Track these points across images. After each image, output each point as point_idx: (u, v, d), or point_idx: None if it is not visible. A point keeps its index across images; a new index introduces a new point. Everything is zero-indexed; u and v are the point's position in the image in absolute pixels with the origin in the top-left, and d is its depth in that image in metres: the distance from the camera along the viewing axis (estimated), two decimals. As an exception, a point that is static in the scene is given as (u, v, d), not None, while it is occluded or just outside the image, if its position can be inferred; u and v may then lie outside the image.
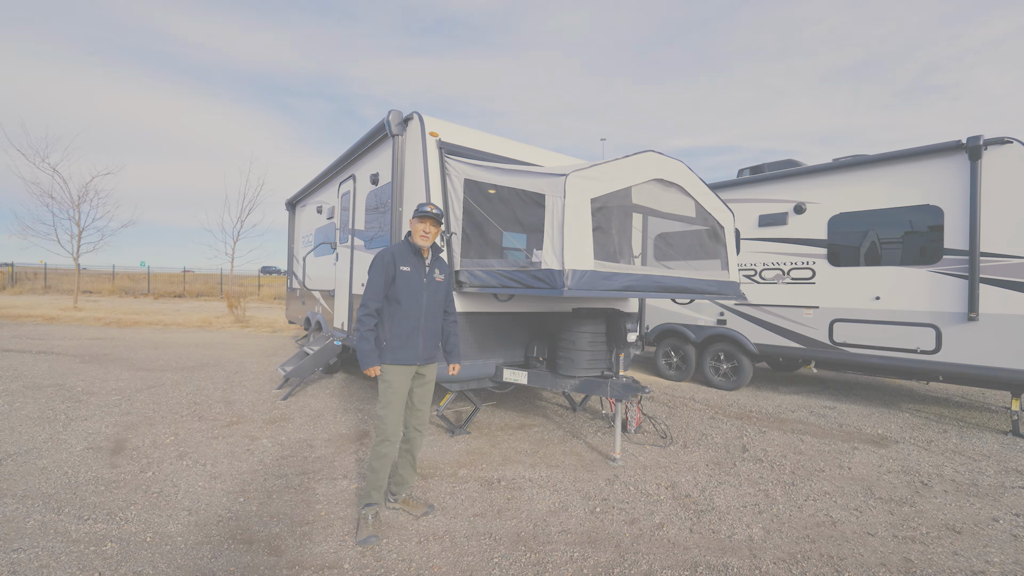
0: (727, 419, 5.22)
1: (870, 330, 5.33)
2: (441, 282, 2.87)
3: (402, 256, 2.74)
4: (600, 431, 4.66)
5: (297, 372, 5.56)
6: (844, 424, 5.07)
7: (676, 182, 3.65)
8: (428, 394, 2.91)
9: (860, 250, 5.50)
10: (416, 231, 2.75)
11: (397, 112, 4.35)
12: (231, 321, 14.47)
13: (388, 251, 2.74)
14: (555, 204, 2.98)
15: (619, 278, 3.12)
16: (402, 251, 2.76)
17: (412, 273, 2.72)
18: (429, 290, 2.78)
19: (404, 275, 2.70)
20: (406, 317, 2.71)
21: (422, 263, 2.78)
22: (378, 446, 2.69)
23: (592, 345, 3.87)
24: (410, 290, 2.71)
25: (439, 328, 2.90)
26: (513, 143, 4.76)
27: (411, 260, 2.75)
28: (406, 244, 2.81)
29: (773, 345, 6.18)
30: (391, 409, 2.69)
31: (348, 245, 5.92)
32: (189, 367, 7.23)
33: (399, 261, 2.71)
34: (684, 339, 7.16)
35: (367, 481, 2.73)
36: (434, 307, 2.83)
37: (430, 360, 2.85)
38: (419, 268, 2.76)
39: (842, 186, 5.61)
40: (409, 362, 2.72)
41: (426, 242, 2.75)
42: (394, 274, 2.69)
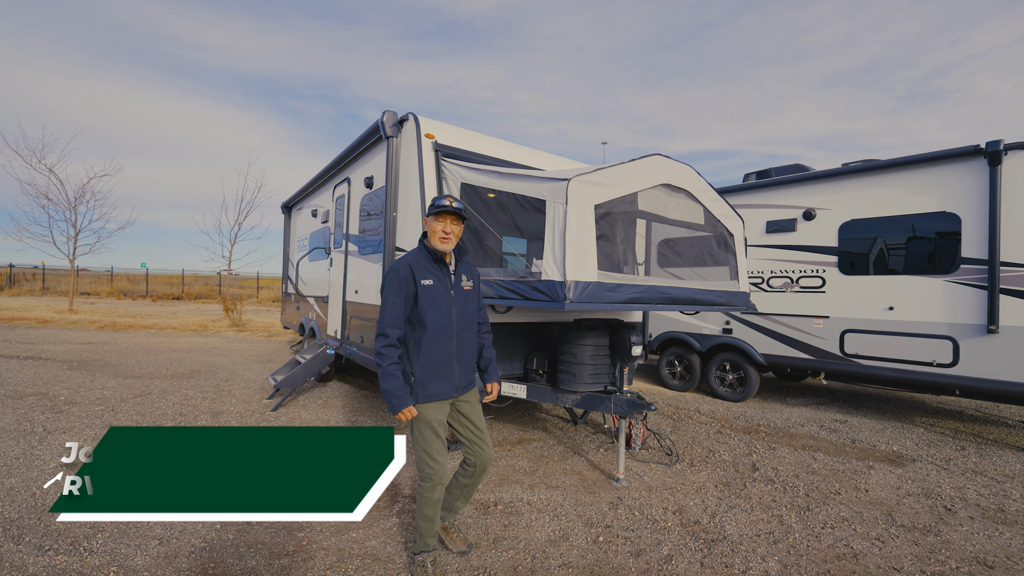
0: (734, 433, 5.01)
1: (883, 341, 5.13)
2: (471, 291, 2.40)
3: (421, 267, 2.24)
4: (602, 447, 4.45)
5: (288, 382, 5.36)
6: (857, 440, 4.86)
7: (684, 187, 3.46)
8: (478, 414, 2.45)
9: (872, 258, 5.31)
10: (434, 232, 2.24)
11: (392, 113, 4.17)
12: (227, 325, 14.27)
13: (403, 263, 2.22)
14: (557, 211, 2.79)
15: (625, 290, 2.92)
16: (420, 261, 2.26)
17: (436, 286, 2.23)
18: (459, 303, 2.31)
19: (427, 290, 2.21)
20: (436, 341, 2.22)
21: (446, 272, 2.30)
22: (427, 492, 2.27)
23: (595, 358, 3.67)
24: (436, 308, 2.21)
25: (475, 346, 2.44)
26: (513, 146, 4.58)
27: (432, 270, 2.25)
28: (423, 251, 2.29)
29: (781, 356, 5.98)
30: (435, 450, 2.25)
31: (342, 250, 5.73)
32: (179, 374, 7.03)
33: (419, 274, 2.21)
34: (688, 348, 6.95)
35: (419, 528, 2.32)
36: (467, 323, 2.34)
37: (469, 387, 2.40)
38: (443, 278, 2.28)
39: (853, 192, 5.42)
40: (445, 396, 2.27)
41: (447, 245, 2.25)
42: (414, 291, 2.19)
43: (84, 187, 17.23)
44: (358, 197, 5.32)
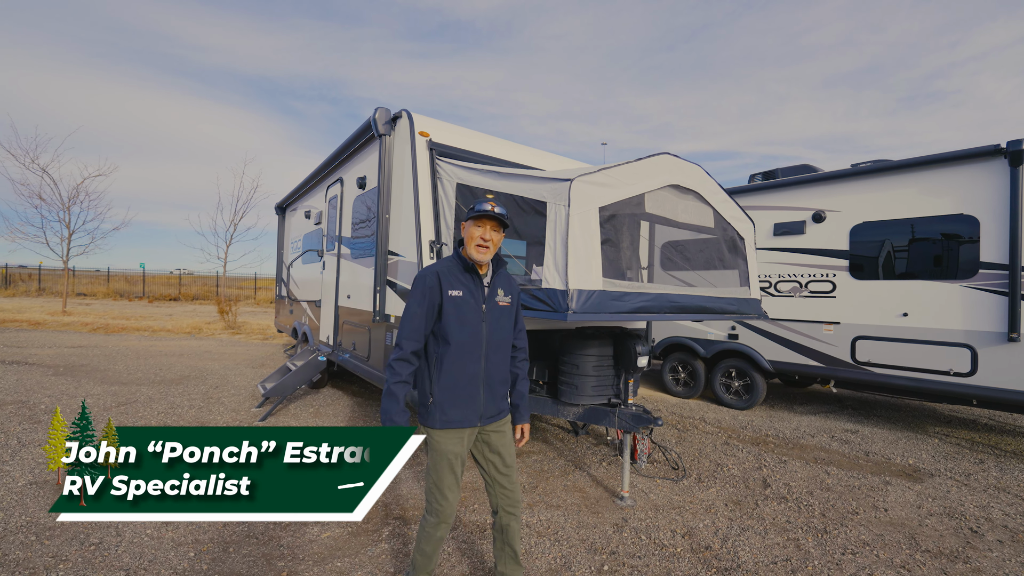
0: (742, 445, 4.81)
1: (897, 349, 4.93)
2: (507, 307, 2.11)
3: (450, 276, 2.00)
4: (605, 460, 4.25)
5: (277, 390, 5.15)
6: (870, 452, 4.65)
7: (693, 188, 3.26)
8: (509, 447, 2.13)
9: (886, 262, 5.11)
10: (471, 239, 2.00)
11: (384, 110, 3.97)
12: (222, 327, 14.06)
13: (431, 271, 2.01)
14: (558, 213, 2.59)
15: (631, 299, 2.72)
16: (450, 269, 2.02)
17: (466, 298, 1.99)
18: (491, 320, 2.03)
19: (454, 302, 1.97)
20: (460, 360, 1.97)
21: (479, 284, 2.05)
22: (430, 528, 2.02)
23: (598, 369, 3.47)
24: (464, 323, 1.97)
25: (507, 370, 2.14)
26: (511, 144, 4.38)
27: (463, 281, 2.02)
28: (456, 260, 2.06)
29: (789, 363, 5.77)
30: (446, 485, 1.98)
31: (335, 253, 5.53)
32: (168, 380, 6.82)
33: (446, 283, 1.97)
34: (692, 354, 6.75)
35: (414, 560, 2.09)
36: (499, 342, 2.07)
37: (498, 416, 2.10)
38: (475, 291, 2.03)
39: (865, 193, 5.22)
40: (465, 424, 2.00)
41: (484, 254, 1.99)
42: (439, 301, 1.96)
43: (78, 187, 17.02)
44: (351, 198, 5.12)
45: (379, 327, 4.13)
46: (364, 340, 4.53)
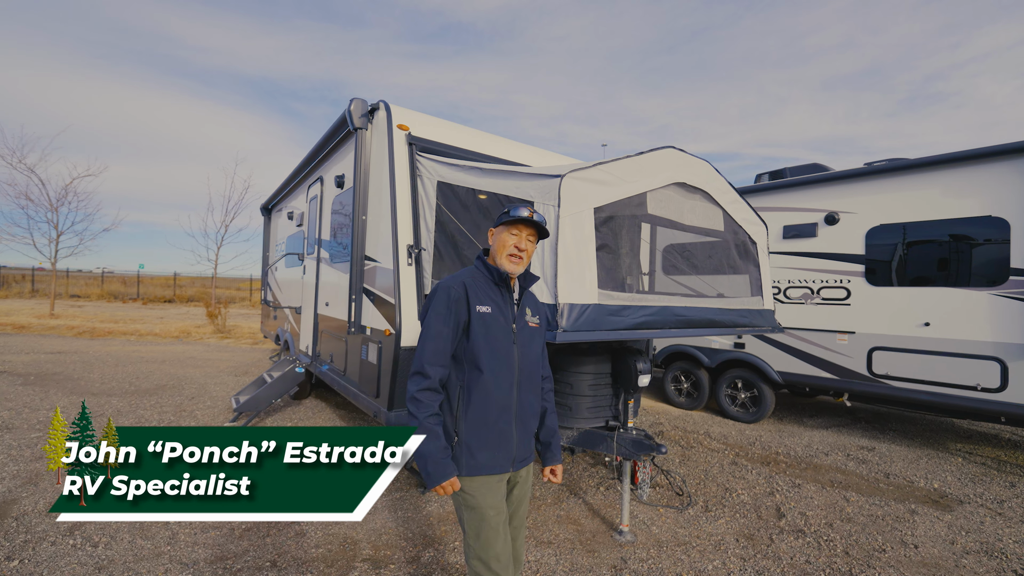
0: (751, 465, 4.45)
1: (918, 361, 4.57)
2: (537, 329, 1.82)
3: (478, 288, 1.70)
4: (603, 484, 3.89)
5: (251, 404, 4.80)
6: (890, 474, 4.29)
7: (701, 187, 2.91)
8: (526, 501, 1.85)
9: (905, 268, 4.75)
10: (503, 246, 1.70)
11: (360, 101, 3.62)
12: (211, 331, 13.70)
13: (456, 281, 1.69)
14: (546, 215, 2.24)
15: (631, 313, 2.37)
16: (478, 281, 1.72)
17: (495, 316, 1.68)
18: (522, 342, 1.73)
19: (483, 320, 1.65)
20: (492, 390, 1.65)
21: (509, 300, 1.75)
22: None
23: (594, 389, 3.12)
24: (495, 344, 1.66)
25: (539, 402, 1.83)
26: (503, 140, 4.03)
27: (492, 295, 1.71)
28: (483, 270, 1.75)
29: (800, 374, 5.42)
30: (493, 555, 1.63)
31: (315, 257, 5.18)
32: (143, 390, 6.46)
33: (475, 297, 1.66)
34: (696, 363, 6.39)
35: None
36: (530, 369, 1.76)
37: (527, 460, 1.80)
38: (505, 308, 1.72)
39: (882, 193, 4.87)
40: (498, 470, 1.68)
41: (518, 266, 1.72)
42: (467, 318, 1.65)
43: (67, 187, 16.67)
44: (331, 198, 4.77)
45: (355, 338, 3.78)
46: (341, 351, 4.18)
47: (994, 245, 4.23)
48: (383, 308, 3.32)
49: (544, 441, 1.89)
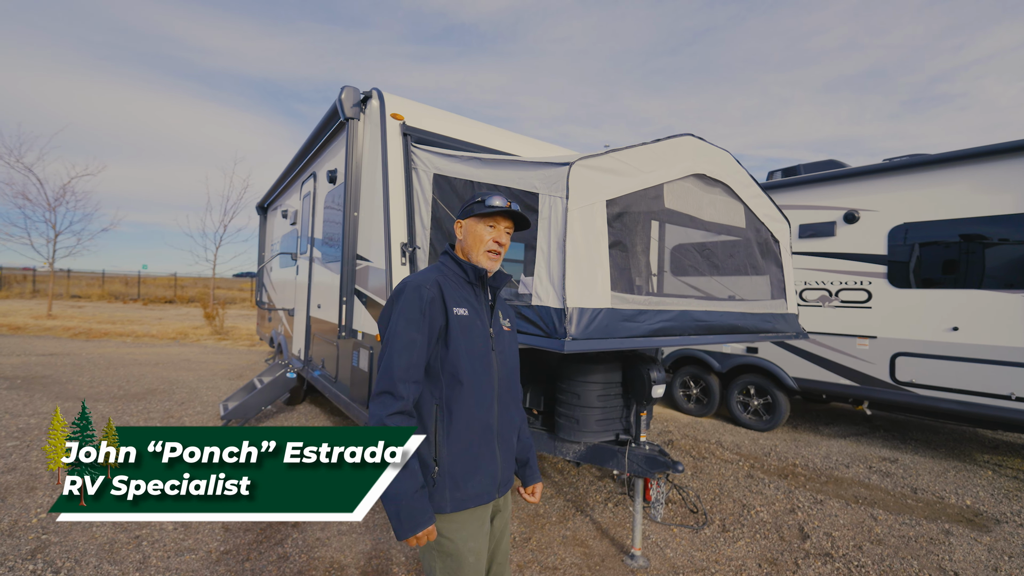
0: (768, 478, 4.18)
1: (945, 368, 4.30)
2: (511, 333, 1.61)
3: (454, 289, 1.45)
4: (611, 499, 3.64)
5: (239, 411, 4.56)
6: (918, 488, 4.02)
7: (721, 179, 2.66)
8: (507, 530, 1.60)
9: (931, 269, 4.48)
10: (478, 241, 1.48)
11: (352, 89, 3.38)
12: (209, 333, 13.50)
13: (428, 279, 1.42)
14: (554, 208, 1.99)
15: (647, 318, 2.12)
16: (450, 279, 1.47)
17: (472, 320, 1.44)
18: (500, 349, 1.51)
19: (461, 324, 1.41)
20: (474, 407, 1.41)
21: (483, 300, 1.51)
22: None
23: (604, 400, 2.86)
24: (474, 352, 1.42)
25: (519, 418, 1.60)
26: (501, 131, 3.79)
27: (467, 296, 1.47)
28: (456, 267, 1.50)
29: (816, 380, 5.15)
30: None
31: (308, 257, 4.94)
32: (131, 395, 6.24)
33: (451, 299, 1.42)
34: (706, 368, 6.13)
35: None
36: (509, 380, 1.54)
37: (509, 482, 1.56)
38: (480, 310, 1.49)
39: (906, 190, 4.60)
40: (488, 498, 1.44)
41: (496, 263, 1.51)
42: (444, 323, 1.40)
43: (65, 187, 16.51)
44: (323, 195, 4.54)
45: (346, 343, 3.54)
46: (333, 356, 3.94)
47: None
48: (375, 311, 3.08)
49: (522, 459, 1.64)
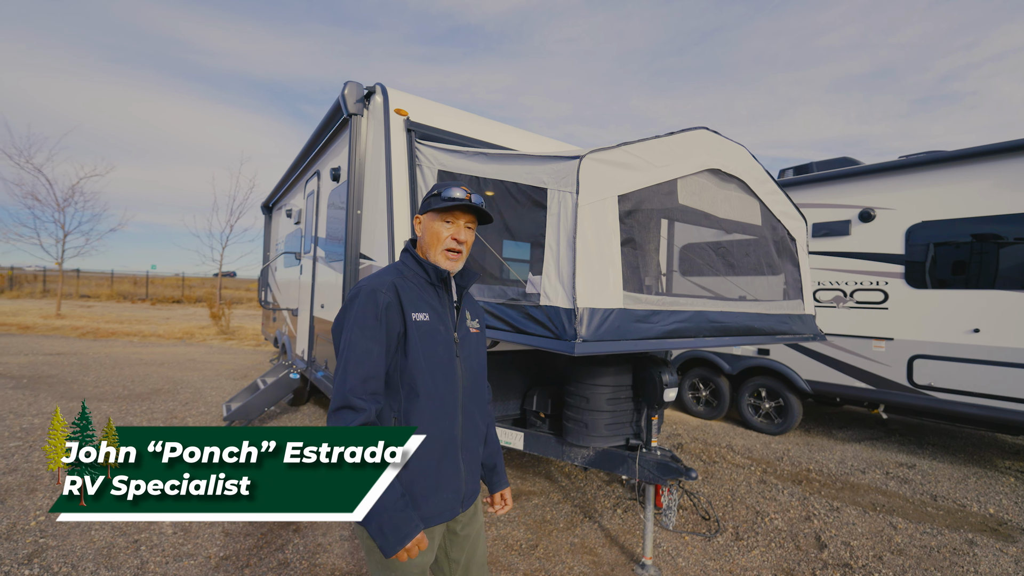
0: (782, 483, 4.07)
1: (966, 371, 4.16)
2: (478, 335, 1.51)
3: (412, 291, 1.34)
4: (620, 505, 3.54)
5: (242, 412, 4.51)
6: (938, 496, 3.89)
7: (736, 175, 2.56)
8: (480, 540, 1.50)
9: (951, 269, 4.34)
10: (436, 239, 1.38)
11: (355, 84, 3.31)
12: (215, 332, 13.53)
13: (383, 282, 1.32)
14: (563, 204, 1.90)
15: (661, 319, 2.02)
16: (409, 281, 1.36)
17: (434, 325, 1.35)
18: (466, 355, 1.42)
19: (421, 331, 1.32)
20: (435, 419, 1.32)
21: (447, 302, 1.42)
22: None
23: (613, 403, 2.77)
24: (436, 361, 1.33)
25: (484, 425, 1.51)
26: (506, 127, 3.71)
27: (429, 299, 1.37)
28: (416, 267, 1.40)
29: (830, 383, 5.02)
30: None
31: (311, 256, 4.88)
32: (136, 395, 6.22)
33: (409, 303, 1.32)
34: (715, 369, 6.01)
35: None
36: (475, 386, 1.45)
37: (475, 493, 1.47)
38: (443, 313, 1.39)
39: (925, 188, 4.46)
40: (449, 515, 1.36)
41: (457, 263, 1.40)
42: (402, 329, 1.30)
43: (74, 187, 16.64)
44: (327, 193, 4.48)
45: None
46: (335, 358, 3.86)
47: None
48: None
49: (489, 464, 1.56)
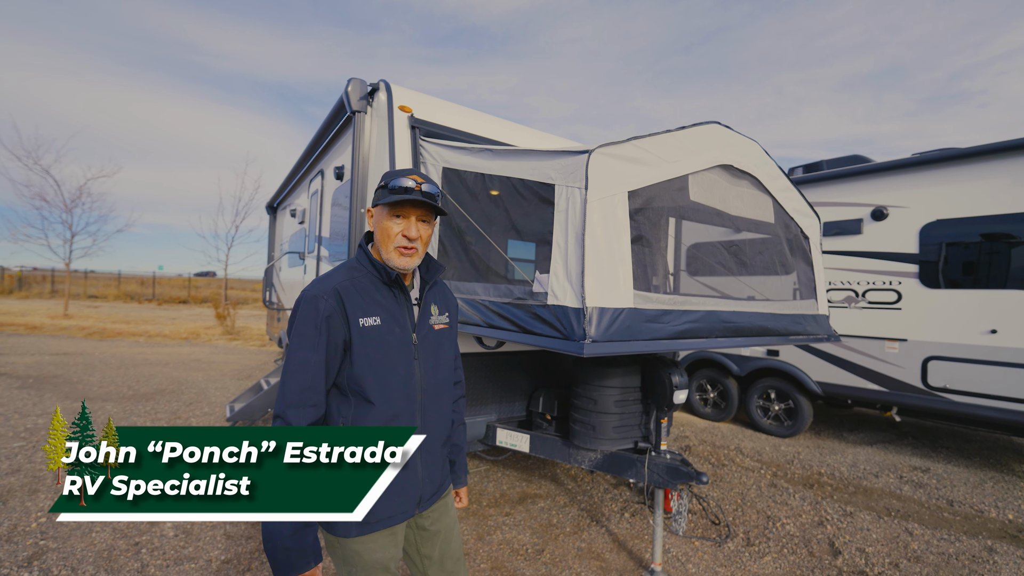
0: (792, 487, 3.98)
1: (983, 373, 4.06)
2: (446, 330, 1.45)
3: (362, 294, 1.27)
4: (627, 509, 3.47)
5: (245, 413, 4.48)
6: (954, 501, 3.79)
7: (749, 171, 2.49)
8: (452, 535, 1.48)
9: (967, 268, 4.24)
10: (387, 237, 1.28)
11: (358, 81, 3.27)
12: (220, 333, 13.56)
13: (326, 288, 1.25)
14: (571, 200, 1.85)
15: (673, 319, 1.96)
16: (360, 282, 1.29)
17: (388, 328, 1.29)
18: (427, 355, 1.36)
19: (370, 337, 1.26)
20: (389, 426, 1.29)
21: (404, 301, 1.35)
22: None
23: (622, 405, 2.70)
24: (389, 367, 1.28)
25: (448, 423, 1.46)
26: (512, 124, 3.65)
27: (383, 299, 1.30)
28: (367, 266, 1.32)
29: (842, 385, 4.93)
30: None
31: (315, 256, 4.84)
32: (140, 395, 6.21)
33: (354, 308, 1.25)
34: (723, 371, 5.92)
35: None
36: (438, 386, 1.40)
37: (438, 492, 1.43)
38: (399, 314, 1.32)
39: (939, 185, 4.37)
40: (402, 518, 1.32)
41: (409, 260, 1.30)
42: (346, 337, 1.24)
43: (81, 188, 16.74)
44: (330, 192, 4.44)
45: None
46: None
47: (1076, 242, 3.72)
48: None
49: (448, 460, 1.52)
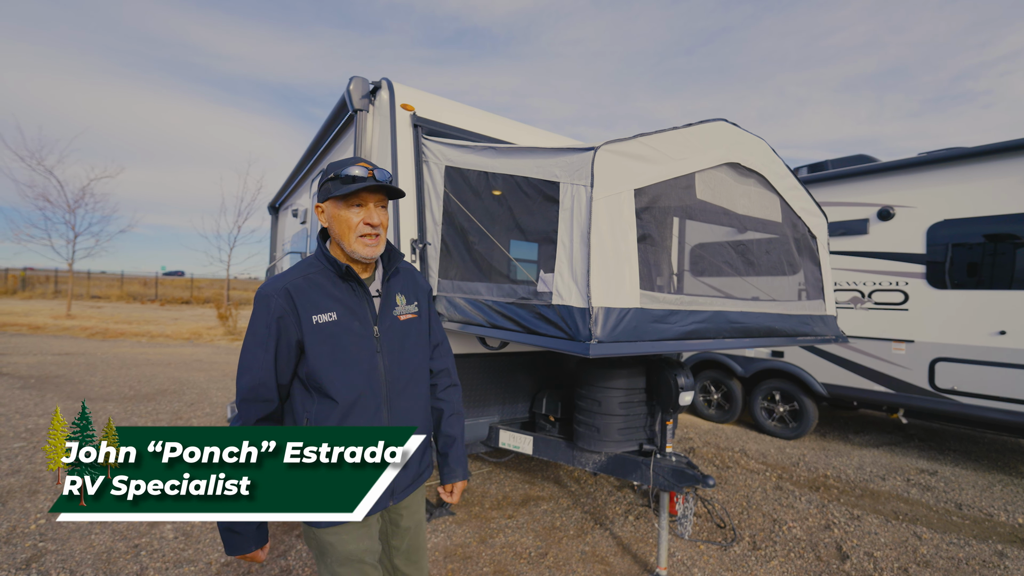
0: (798, 490, 3.94)
1: (992, 375, 4.01)
2: (414, 320, 1.42)
3: (312, 291, 1.26)
4: (631, 511, 3.44)
5: (247, 414, 4.44)
6: (963, 504, 3.74)
7: (756, 169, 2.45)
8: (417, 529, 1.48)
9: (975, 269, 4.19)
10: (347, 228, 1.26)
11: (360, 80, 3.24)
12: (222, 333, 13.56)
13: (277, 286, 1.25)
14: (576, 198, 1.81)
15: (680, 319, 1.92)
16: (312, 281, 1.28)
17: (345, 323, 1.28)
18: (391, 347, 1.34)
19: (325, 334, 1.25)
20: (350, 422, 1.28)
21: (362, 295, 1.32)
22: None
23: (627, 407, 2.67)
24: (347, 363, 1.27)
25: (424, 411, 1.44)
26: (515, 123, 3.61)
27: (340, 294, 1.29)
28: (322, 262, 1.31)
29: (848, 387, 4.88)
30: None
31: (317, 256, 4.82)
32: (141, 395, 6.20)
33: (306, 305, 1.24)
34: (728, 372, 5.88)
35: None
36: (408, 379, 1.38)
37: (416, 483, 1.42)
38: (358, 307, 1.31)
39: (947, 185, 4.32)
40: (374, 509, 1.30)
41: (375, 249, 1.30)
42: (299, 337, 1.25)
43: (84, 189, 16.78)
44: (332, 192, 4.41)
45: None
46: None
47: (1086, 242, 3.67)
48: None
49: (441, 452, 1.50)
